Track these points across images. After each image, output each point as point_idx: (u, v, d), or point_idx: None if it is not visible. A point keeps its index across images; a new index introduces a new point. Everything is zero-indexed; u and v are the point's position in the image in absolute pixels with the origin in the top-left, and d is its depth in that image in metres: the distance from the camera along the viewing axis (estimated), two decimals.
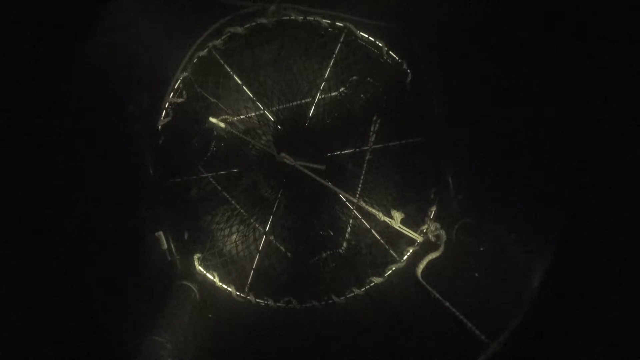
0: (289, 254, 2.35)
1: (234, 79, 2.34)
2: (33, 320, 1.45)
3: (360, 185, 2.37)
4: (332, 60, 2.35)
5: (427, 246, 2.31)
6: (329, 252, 2.35)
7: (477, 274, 2.05)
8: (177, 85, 2.29)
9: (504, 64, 1.93)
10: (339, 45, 2.35)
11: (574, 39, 1.46)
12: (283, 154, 2.21)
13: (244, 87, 2.35)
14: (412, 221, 2.34)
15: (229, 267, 2.34)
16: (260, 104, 2.36)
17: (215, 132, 2.30)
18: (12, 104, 1.46)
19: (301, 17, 2.29)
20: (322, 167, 2.23)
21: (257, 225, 2.37)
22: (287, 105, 2.36)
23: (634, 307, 1.25)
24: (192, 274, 2.25)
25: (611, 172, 1.34)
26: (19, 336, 1.39)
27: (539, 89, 1.76)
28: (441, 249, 2.24)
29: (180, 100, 2.29)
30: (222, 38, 2.28)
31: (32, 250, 1.52)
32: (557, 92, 1.63)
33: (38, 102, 1.53)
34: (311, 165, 2.23)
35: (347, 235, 2.38)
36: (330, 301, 2.27)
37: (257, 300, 2.27)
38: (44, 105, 1.54)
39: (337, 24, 2.33)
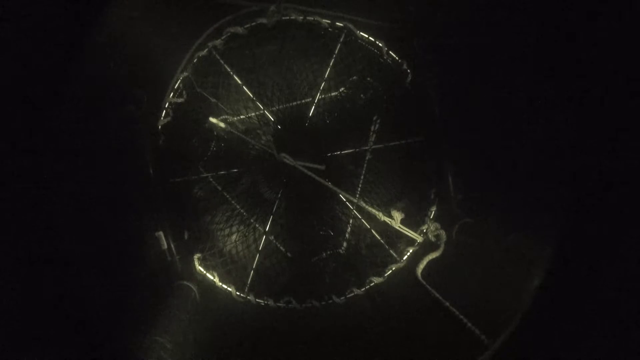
0: (289, 254, 2.35)
1: (234, 79, 2.34)
2: (32, 320, 1.45)
3: (360, 185, 2.37)
4: (332, 60, 2.35)
5: (427, 246, 2.31)
6: (329, 252, 2.35)
7: (477, 274, 2.05)
8: (177, 85, 2.29)
9: (504, 64, 1.93)
10: (339, 45, 2.35)
11: (575, 40, 1.46)
12: (283, 154, 2.21)
13: (244, 87, 2.35)
14: (412, 221, 2.34)
15: (229, 267, 2.34)
16: (260, 104, 2.36)
17: (215, 132, 2.30)
18: (12, 104, 1.46)
19: (301, 17, 2.29)
20: (322, 167, 2.23)
21: (257, 225, 2.37)
22: (287, 105, 2.36)
23: (634, 307, 1.25)
24: (192, 274, 2.25)
25: (612, 173, 1.34)
26: (17, 337, 1.39)
27: (540, 89, 1.76)
28: (441, 249, 2.24)
29: (180, 100, 2.29)
30: (222, 38, 2.28)
31: (31, 250, 1.52)
32: (558, 92, 1.63)
33: (38, 102, 1.53)
34: (311, 165, 2.23)
35: (347, 235, 2.38)
36: (330, 301, 2.27)
37: (257, 300, 2.27)
38: (43, 106, 1.54)
39: (337, 24, 2.32)
